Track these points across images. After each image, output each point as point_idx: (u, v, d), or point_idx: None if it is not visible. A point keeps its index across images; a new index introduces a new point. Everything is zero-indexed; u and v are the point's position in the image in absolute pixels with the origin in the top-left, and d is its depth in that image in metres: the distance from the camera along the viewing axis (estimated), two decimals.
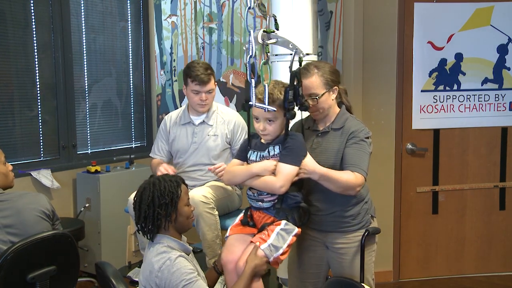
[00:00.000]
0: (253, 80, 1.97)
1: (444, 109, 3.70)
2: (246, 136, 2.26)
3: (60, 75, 3.89)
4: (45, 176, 3.71)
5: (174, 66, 4.37)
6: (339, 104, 2.32)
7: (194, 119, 3.03)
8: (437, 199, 3.78)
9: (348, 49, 3.59)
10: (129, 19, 4.41)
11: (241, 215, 2.23)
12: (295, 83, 2.01)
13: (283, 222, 2.07)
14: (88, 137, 4.16)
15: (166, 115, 3.24)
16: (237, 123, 3.00)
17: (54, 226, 2.30)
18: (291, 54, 2.29)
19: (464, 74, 3.67)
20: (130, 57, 4.45)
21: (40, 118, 3.83)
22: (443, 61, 3.65)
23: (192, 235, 2.72)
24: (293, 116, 2.02)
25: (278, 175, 2.04)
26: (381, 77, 3.66)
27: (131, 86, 4.48)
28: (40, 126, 3.83)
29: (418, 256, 3.82)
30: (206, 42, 4.16)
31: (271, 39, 2.10)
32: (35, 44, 3.74)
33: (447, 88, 3.69)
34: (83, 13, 4.05)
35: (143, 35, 4.51)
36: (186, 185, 2.10)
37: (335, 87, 2.24)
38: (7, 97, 3.66)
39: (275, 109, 2.00)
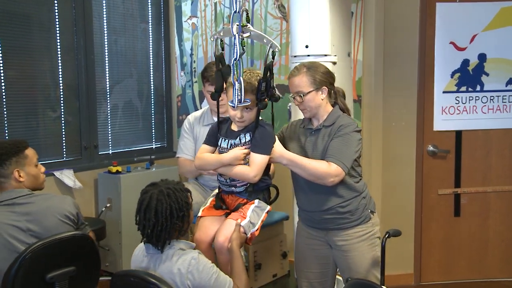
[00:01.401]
0: (236, 82, 2.10)
1: (466, 110, 3.65)
2: None
3: (82, 77, 3.94)
4: (67, 176, 3.76)
5: (194, 67, 4.39)
6: (334, 105, 2.37)
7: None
8: (459, 202, 3.73)
9: (368, 50, 3.57)
10: (150, 21, 4.45)
11: (211, 199, 2.37)
12: (267, 75, 2.13)
13: (256, 201, 2.27)
14: (109, 137, 4.21)
15: (186, 116, 3.26)
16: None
17: (79, 229, 2.31)
18: (308, 56, 2.65)
19: (487, 75, 3.61)
20: (151, 58, 4.48)
21: (63, 119, 3.88)
22: (465, 62, 3.60)
23: None
24: (265, 106, 2.17)
25: (251, 165, 2.18)
26: (402, 78, 3.63)
27: (152, 87, 4.51)
28: (63, 127, 3.89)
29: (439, 259, 3.77)
30: (226, 44, 4.17)
31: (245, 33, 2.21)
32: (58, 46, 3.80)
33: (470, 89, 3.63)
34: (105, 15, 4.10)
35: (164, 37, 4.55)
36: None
37: (324, 87, 2.29)
38: (32, 98, 3.72)
39: (249, 100, 2.12)
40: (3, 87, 3.51)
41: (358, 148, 2.27)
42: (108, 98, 4.17)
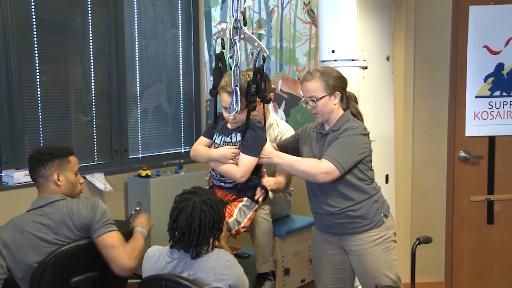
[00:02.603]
0: (237, 88, 2.18)
1: (500, 115, 3.56)
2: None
3: (113, 82, 4.01)
4: (98, 180, 3.83)
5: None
6: (346, 110, 2.39)
7: None
8: (492, 209, 3.63)
9: (398, 54, 3.52)
10: (180, 26, 4.50)
11: None
12: (258, 78, 2.21)
13: (245, 199, 2.37)
14: (139, 141, 4.27)
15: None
16: (288, 134, 2.86)
17: (93, 234, 2.23)
18: (335, 60, 2.71)
19: None
20: (181, 63, 4.53)
21: (94, 123, 3.96)
22: (500, 66, 3.51)
23: (239, 241, 2.74)
24: (254, 108, 2.23)
25: (240, 165, 2.28)
26: (433, 83, 3.57)
27: (181, 92, 4.56)
28: (95, 131, 3.96)
29: (472, 267, 3.68)
30: (255, 49, 4.18)
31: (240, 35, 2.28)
32: (91, 52, 3.88)
33: (504, 93, 3.55)
34: (136, 22, 4.16)
35: (193, 42, 4.59)
36: None
37: (337, 92, 2.31)
38: (65, 103, 3.81)
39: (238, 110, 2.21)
40: (39, 93, 3.60)
41: (363, 151, 2.28)
42: (138, 103, 4.23)
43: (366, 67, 2.77)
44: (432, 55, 3.55)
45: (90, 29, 3.87)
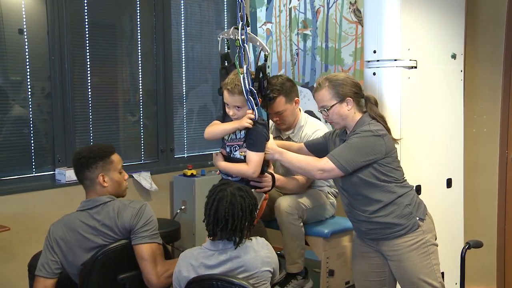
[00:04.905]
0: (251, 88, 2.30)
1: None
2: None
3: (160, 82, 4.09)
4: (145, 179, 3.91)
5: (268, 73, 4.40)
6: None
7: (283, 133, 2.97)
8: None
9: None
10: (226, 27, 4.54)
11: None
12: (260, 76, 2.31)
13: (252, 190, 2.34)
14: (185, 141, 4.33)
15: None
16: (316, 134, 2.83)
17: (133, 240, 2.24)
18: (377, 61, 2.70)
19: None
20: (226, 64, 4.56)
21: (141, 122, 4.04)
22: None
23: (280, 241, 2.75)
24: (256, 105, 2.33)
25: (249, 163, 2.37)
26: (483, 84, 3.46)
27: None
28: (142, 131, 4.05)
29: None
30: (300, 49, 4.17)
31: (242, 35, 2.45)
32: (139, 53, 3.97)
33: None
34: (182, 23, 4.23)
35: None
36: None
37: (348, 98, 2.30)
38: (113, 103, 3.91)
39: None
40: (90, 93, 3.71)
41: (372, 152, 2.23)
42: (184, 103, 4.30)
43: (413, 67, 2.71)
44: (484, 53, 3.44)
45: (139, 31, 3.96)
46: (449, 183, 3.00)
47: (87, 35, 3.67)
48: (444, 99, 2.95)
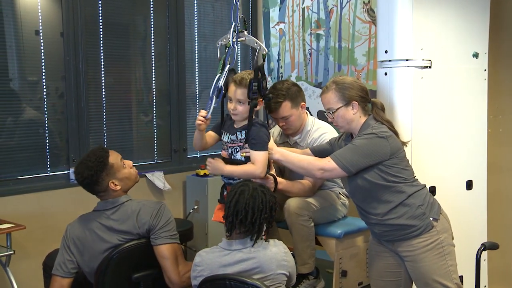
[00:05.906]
0: (222, 89, 2.43)
1: None
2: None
3: (173, 82, 4.11)
4: (158, 178, 3.92)
5: (281, 73, 4.42)
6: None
7: (290, 138, 2.95)
8: None
9: None
10: (238, 28, 4.53)
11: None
12: (259, 77, 2.33)
13: None
14: None
15: (272, 121, 3.26)
16: (322, 138, 2.81)
17: (153, 240, 2.26)
18: (390, 61, 2.69)
19: None
20: (239, 64, 4.57)
21: (155, 122, 4.06)
22: None
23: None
24: (255, 105, 2.37)
25: (255, 162, 2.38)
26: (498, 83, 3.40)
27: None
28: (155, 131, 4.07)
29: None
30: (313, 49, 4.16)
31: (240, 37, 2.54)
32: (152, 54, 3.99)
33: None
34: (196, 23, 4.24)
35: None
36: None
37: (354, 102, 2.30)
38: (126, 103, 3.94)
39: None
40: (103, 93, 3.74)
41: (377, 153, 2.22)
42: (197, 103, 4.31)
43: (427, 67, 2.68)
44: (500, 54, 3.39)
45: (152, 31, 3.98)
46: (469, 185, 2.96)
47: (101, 36, 3.70)
48: (464, 99, 2.91)
